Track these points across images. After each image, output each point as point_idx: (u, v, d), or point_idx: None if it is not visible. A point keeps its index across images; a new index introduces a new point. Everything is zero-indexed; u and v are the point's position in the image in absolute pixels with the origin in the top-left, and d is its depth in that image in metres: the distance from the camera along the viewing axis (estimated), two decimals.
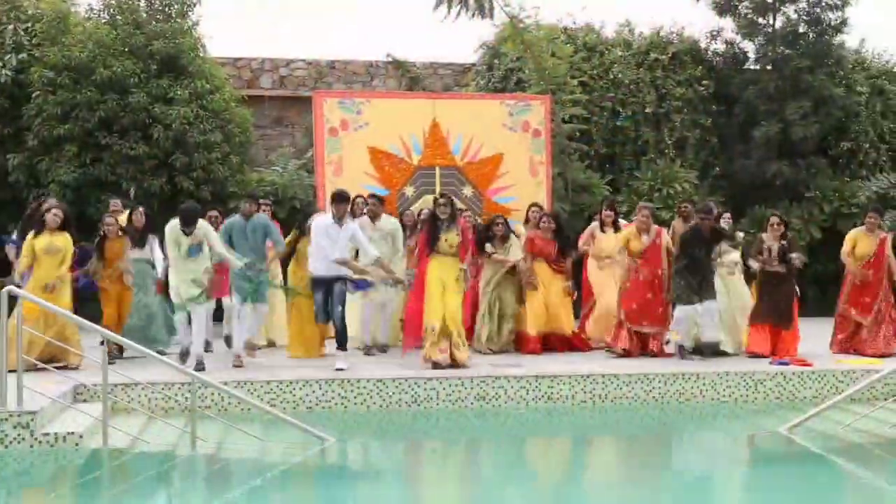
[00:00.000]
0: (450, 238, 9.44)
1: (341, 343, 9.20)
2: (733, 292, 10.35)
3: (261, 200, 10.96)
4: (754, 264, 10.23)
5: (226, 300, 10.31)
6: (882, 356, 10.05)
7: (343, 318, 9.24)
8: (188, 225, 8.90)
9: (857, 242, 10.58)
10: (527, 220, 11.11)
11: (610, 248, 10.84)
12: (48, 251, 8.95)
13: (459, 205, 12.22)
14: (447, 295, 9.36)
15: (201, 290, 8.95)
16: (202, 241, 8.98)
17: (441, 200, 9.65)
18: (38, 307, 8.06)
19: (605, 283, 10.85)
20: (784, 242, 10.20)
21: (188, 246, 8.93)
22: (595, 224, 11.19)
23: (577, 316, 11.11)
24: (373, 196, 10.80)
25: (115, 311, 9.55)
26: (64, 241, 9.05)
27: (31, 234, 9.06)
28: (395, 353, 10.27)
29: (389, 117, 12.76)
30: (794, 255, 10.10)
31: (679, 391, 8.84)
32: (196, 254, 8.97)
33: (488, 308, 10.48)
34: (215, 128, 14.09)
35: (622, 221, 11.65)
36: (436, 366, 9.01)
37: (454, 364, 9.08)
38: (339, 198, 9.25)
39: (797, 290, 10.45)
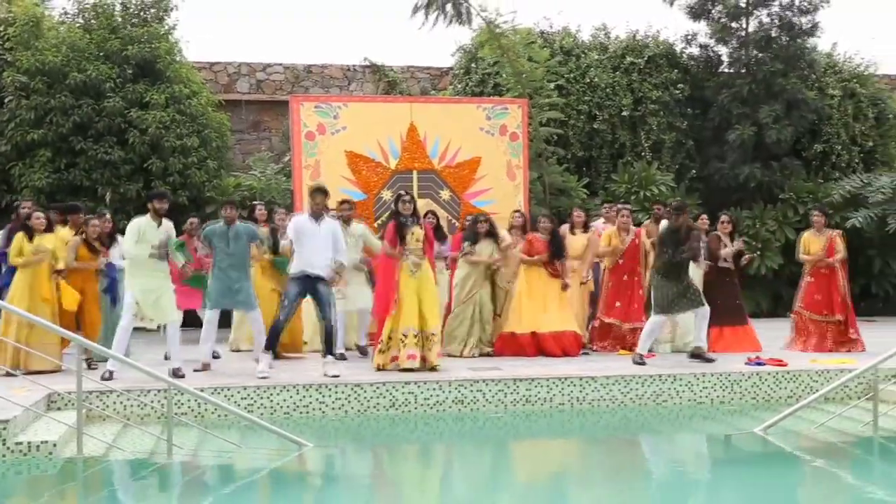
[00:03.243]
0: (416, 232, 9.43)
1: (331, 348, 9.04)
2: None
3: (255, 203, 11.35)
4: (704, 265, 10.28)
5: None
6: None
7: (334, 321, 9.11)
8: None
9: (808, 244, 10.82)
10: (511, 227, 10.91)
11: (580, 249, 10.97)
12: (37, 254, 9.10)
13: (437, 208, 12.28)
14: (424, 294, 9.33)
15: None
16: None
17: (405, 197, 9.63)
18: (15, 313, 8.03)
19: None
20: (731, 243, 10.61)
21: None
22: (565, 226, 11.22)
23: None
24: (345, 202, 10.69)
25: (74, 315, 9.38)
26: (51, 241, 9.21)
27: (22, 236, 9.12)
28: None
29: (367, 121, 12.74)
30: (725, 251, 10.48)
31: (656, 392, 8.89)
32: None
33: (472, 313, 10.41)
34: (192, 132, 14.03)
35: (600, 222, 11.74)
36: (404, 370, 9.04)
37: (426, 366, 9.13)
38: (319, 190, 9.09)
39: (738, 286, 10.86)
